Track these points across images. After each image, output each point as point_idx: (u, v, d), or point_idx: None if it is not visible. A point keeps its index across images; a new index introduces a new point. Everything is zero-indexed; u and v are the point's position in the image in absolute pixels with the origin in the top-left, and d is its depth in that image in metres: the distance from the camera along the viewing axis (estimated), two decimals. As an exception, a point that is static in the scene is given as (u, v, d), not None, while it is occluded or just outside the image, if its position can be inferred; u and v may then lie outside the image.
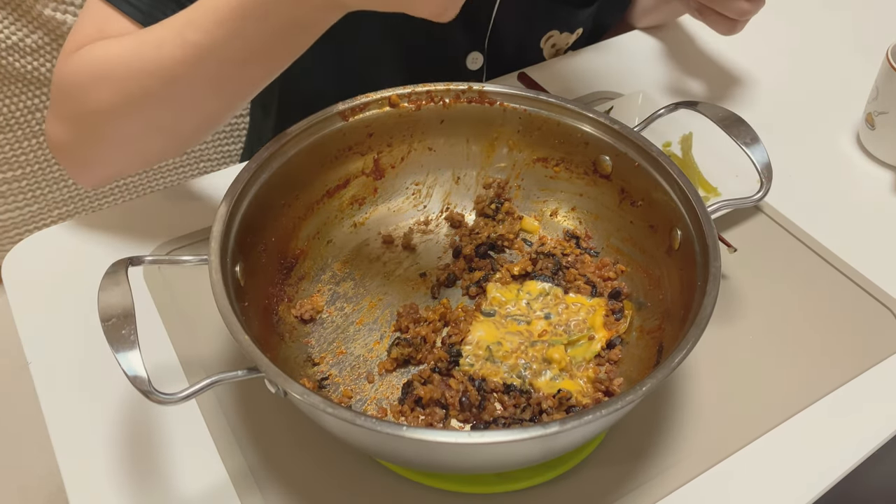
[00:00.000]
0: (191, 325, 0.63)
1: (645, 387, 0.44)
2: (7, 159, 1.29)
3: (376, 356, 0.59)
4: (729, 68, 0.94)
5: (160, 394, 0.44)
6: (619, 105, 0.81)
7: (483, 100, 0.65)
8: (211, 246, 0.51)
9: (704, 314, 0.48)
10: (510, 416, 0.54)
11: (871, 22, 1.04)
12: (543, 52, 0.94)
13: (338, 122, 0.63)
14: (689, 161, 0.76)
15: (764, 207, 0.74)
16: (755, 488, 0.54)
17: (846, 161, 0.82)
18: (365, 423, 0.42)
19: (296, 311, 0.61)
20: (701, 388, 0.59)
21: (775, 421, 0.58)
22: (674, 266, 0.57)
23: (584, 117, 0.63)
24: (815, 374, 0.61)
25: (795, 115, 0.88)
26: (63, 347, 0.62)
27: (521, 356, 0.58)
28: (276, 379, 0.44)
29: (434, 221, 0.69)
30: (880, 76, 0.79)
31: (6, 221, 1.37)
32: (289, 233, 0.62)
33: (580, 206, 0.67)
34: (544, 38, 0.92)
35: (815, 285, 0.68)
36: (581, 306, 0.61)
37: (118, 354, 0.44)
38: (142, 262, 0.52)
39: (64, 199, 1.38)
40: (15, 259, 0.69)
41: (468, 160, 0.69)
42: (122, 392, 0.58)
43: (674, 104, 0.66)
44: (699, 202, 0.55)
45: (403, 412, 0.55)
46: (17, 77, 1.20)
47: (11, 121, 1.24)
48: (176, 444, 0.55)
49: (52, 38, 1.17)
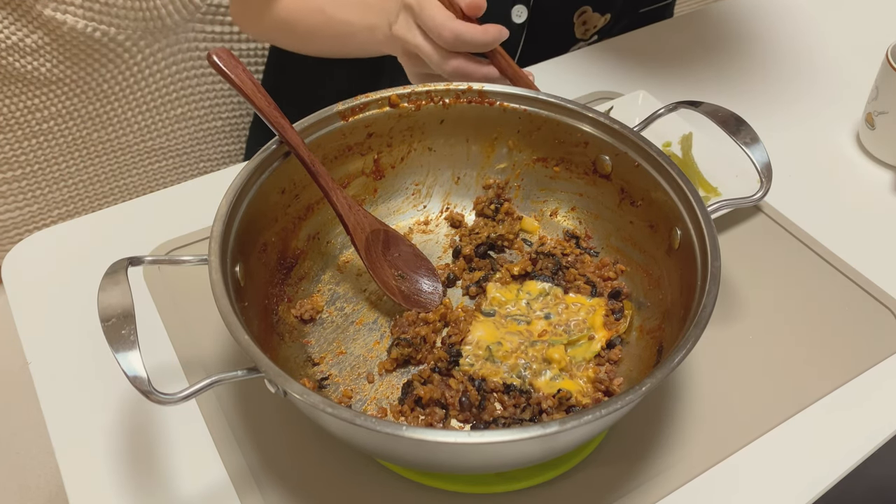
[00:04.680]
0: (191, 325, 0.63)
1: (645, 387, 0.44)
2: (7, 159, 1.29)
3: (376, 356, 0.59)
4: (729, 68, 0.94)
5: (160, 394, 0.44)
6: (619, 105, 0.81)
7: (483, 100, 0.65)
8: (211, 246, 0.51)
9: (704, 314, 0.48)
10: (510, 416, 0.54)
11: (871, 22, 1.04)
12: (574, 29, 0.96)
13: (338, 121, 0.63)
14: (689, 161, 0.76)
15: (764, 207, 0.74)
16: (755, 488, 0.54)
17: (846, 161, 0.82)
18: (365, 422, 0.42)
19: (296, 311, 0.61)
20: (701, 388, 0.59)
21: (775, 421, 0.58)
22: (674, 266, 0.57)
23: (584, 117, 0.63)
24: (816, 374, 0.61)
25: (795, 115, 0.88)
26: (63, 347, 0.62)
27: (521, 356, 0.58)
28: (276, 379, 0.44)
29: (434, 221, 0.69)
30: (880, 76, 0.79)
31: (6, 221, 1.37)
32: (289, 233, 0.62)
33: (580, 206, 0.67)
34: (578, 12, 0.95)
35: (815, 285, 0.68)
36: (581, 306, 0.61)
37: (118, 354, 0.44)
38: (142, 262, 0.52)
39: (64, 199, 1.39)
40: (15, 259, 0.69)
41: (468, 160, 0.69)
42: (122, 392, 0.58)
43: (674, 104, 0.66)
44: (699, 202, 0.55)
45: (403, 412, 0.55)
46: (17, 77, 1.20)
47: (11, 121, 1.24)
48: (176, 444, 0.55)
49: (53, 39, 1.18)
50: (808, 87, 0.92)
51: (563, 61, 0.93)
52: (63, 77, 1.23)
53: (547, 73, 0.91)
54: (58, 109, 1.27)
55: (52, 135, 1.29)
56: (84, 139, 1.32)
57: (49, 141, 1.30)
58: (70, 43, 1.18)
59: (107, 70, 1.25)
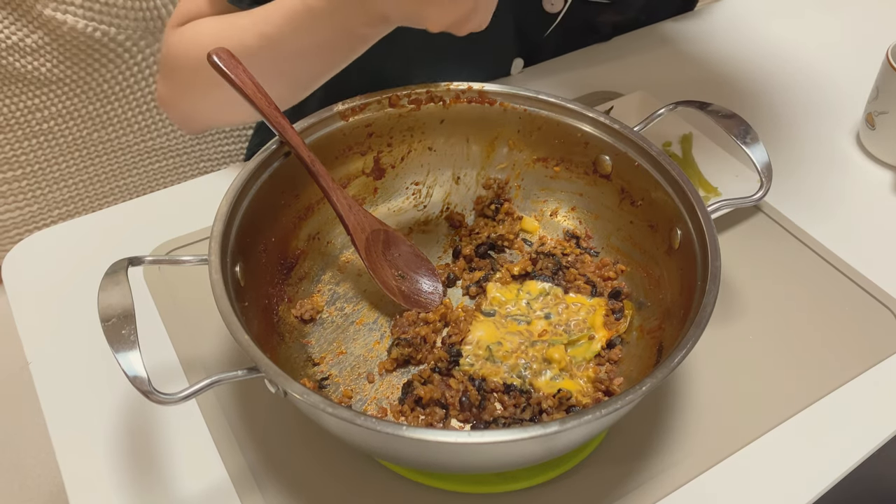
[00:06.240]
0: (191, 325, 0.63)
1: (645, 386, 0.44)
2: (7, 159, 1.29)
3: (376, 356, 0.59)
4: (729, 68, 0.94)
5: (160, 394, 0.44)
6: (619, 105, 0.81)
7: (483, 100, 0.65)
8: (211, 246, 0.51)
9: (704, 314, 0.48)
10: (510, 416, 0.54)
11: (871, 22, 1.04)
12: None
13: (338, 121, 0.63)
14: (689, 161, 0.76)
15: (764, 207, 0.74)
16: (755, 488, 0.54)
17: (846, 161, 0.82)
18: (365, 422, 0.42)
19: (296, 311, 0.61)
20: (701, 388, 0.59)
21: (775, 421, 0.58)
22: (674, 266, 0.57)
23: (584, 117, 0.63)
24: (815, 374, 0.61)
25: (795, 115, 0.88)
26: (63, 347, 0.62)
27: (521, 356, 0.58)
28: (276, 379, 0.44)
29: (434, 221, 0.69)
30: (880, 76, 0.79)
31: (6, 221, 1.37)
32: (289, 233, 0.62)
33: (580, 206, 0.67)
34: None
35: (815, 285, 0.68)
36: (581, 306, 0.61)
37: (118, 354, 0.44)
38: (142, 262, 0.52)
39: (64, 199, 1.39)
40: (15, 259, 0.69)
41: (468, 160, 0.69)
42: (122, 392, 0.58)
43: (674, 104, 0.66)
44: (699, 202, 0.55)
45: (403, 412, 0.55)
46: (17, 77, 1.20)
47: (11, 121, 1.24)
48: (176, 444, 0.55)
49: (53, 38, 1.18)
50: (808, 86, 0.92)
51: (564, 61, 0.93)
52: (63, 77, 1.23)
53: (547, 72, 0.91)
54: (58, 109, 1.27)
55: (52, 135, 1.29)
56: (84, 139, 1.32)
57: (49, 141, 1.30)
58: (70, 43, 1.18)
59: (107, 70, 1.25)
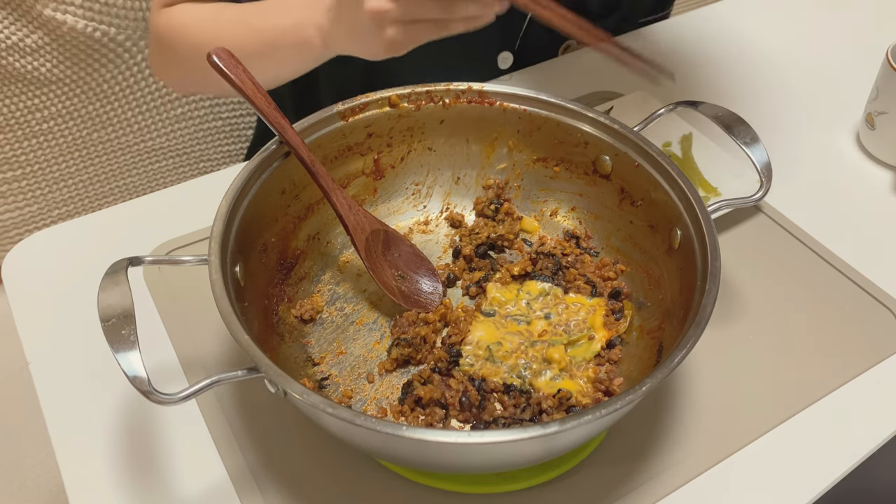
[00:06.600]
0: (191, 325, 0.63)
1: (645, 386, 0.44)
2: (7, 159, 1.29)
3: (376, 356, 0.59)
4: (729, 68, 0.94)
5: (160, 394, 0.44)
6: (619, 105, 0.81)
7: (483, 100, 0.65)
8: (211, 246, 0.51)
9: (704, 314, 0.48)
10: (510, 416, 0.54)
11: (871, 22, 1.04)
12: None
13: (338, 122, 0.63)
14: (689, 161, 0.76)
15: (764, 207, 0.74)
16: (755, 488, 0.54)
17: (846, 161, 0.82)
18: (365, 422, 0.42)
19: (296, 311, 0.61)
20: (701, 388, 0.59)
21: (775, 421, 0.58)
22: (674, 266, 0.57)
23: (584, 117, 0.63)
24: (815, 374, 0.61)
25: (795, 115, 0.88)
26: (63, 347, 0.62)
27: (521, 356, 0.58)
28: (276, 379, 0.44)
29: (434, 221, 0.69)
30: (880, 76, 0.79)
31: (6, 221, 1.37)
32: (289, 233, 0.62)
33: (580, 206, 0.67)
34: (563, 46, 0.94)
35: (815, 285, 0.68)
36: (581, 306, 0.61)
37: (118, 355, 0.44)
38: (142, 262, 0.52)
39: (64, 199, 1.39)
40: (15, 259, 0.69)
41: (468, 160, 0.69)
42: (122, 392, 0.58)
43: (674, 104, 0.66)
44: (699, 202, 0.55)
45: (403, 412, 0.55)
46: (17, 77, 1.20)
47: (11, 121, 1.25)
48: (176, 444, 0.55)
49: (53, 38, 1.18)
50: (808, 86, 0.92)
51: (563, 61, 0.93)
52: (63, 77, 1.23)
53: (547, 72, 0.90)
54: (58, 109, 1.27)
55: (52, 135, 1.30)
56: (84, 139, 1.33)
57: (49, 141, 1.30)
58: (70, 43, 1.18)
59: (107, 70, 1.25)
